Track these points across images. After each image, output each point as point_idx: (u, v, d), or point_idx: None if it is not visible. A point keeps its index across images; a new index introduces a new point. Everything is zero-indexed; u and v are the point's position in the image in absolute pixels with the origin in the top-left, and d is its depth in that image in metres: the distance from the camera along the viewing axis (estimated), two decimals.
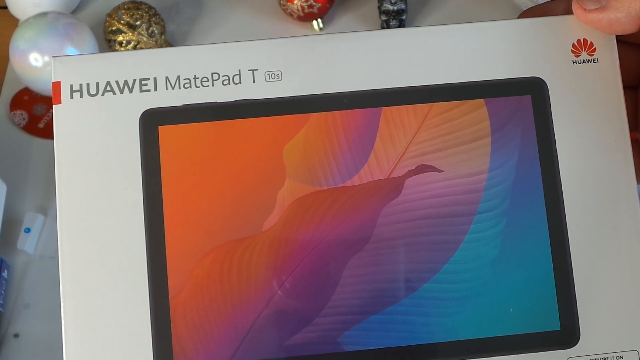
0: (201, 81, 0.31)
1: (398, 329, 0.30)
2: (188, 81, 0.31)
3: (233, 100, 0.31)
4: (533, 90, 0.31)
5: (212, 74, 0.31)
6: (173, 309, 0.29)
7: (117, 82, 0.30)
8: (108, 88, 0.30)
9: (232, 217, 0.30)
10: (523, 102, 0.31)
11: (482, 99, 0.31)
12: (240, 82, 0.31)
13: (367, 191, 0.31)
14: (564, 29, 0.31)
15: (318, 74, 0.31)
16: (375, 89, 0.31)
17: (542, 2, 0.66)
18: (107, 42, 0.68)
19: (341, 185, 0.31)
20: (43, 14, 0.64)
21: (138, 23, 0.67)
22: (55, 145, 0.30)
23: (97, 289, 0.29)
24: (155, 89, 0.30)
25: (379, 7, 0.68)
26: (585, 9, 0.30)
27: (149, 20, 0.67)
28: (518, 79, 0.31)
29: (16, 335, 0.56)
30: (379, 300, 0.30)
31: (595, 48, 0.31)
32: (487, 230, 0.31)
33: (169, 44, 0.68)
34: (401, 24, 0.69)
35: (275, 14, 0.71)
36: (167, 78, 0.30)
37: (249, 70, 0.31)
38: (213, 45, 0.31)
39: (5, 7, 0.70)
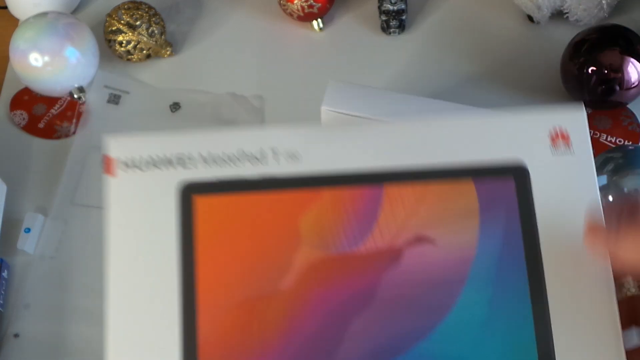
0: (230, 158, 0.36)
1: None
2: (220, 158, 0.36)
3: (258, 175, 0.36)
4: (516, 174, 0.36)
5: (240, 153, 0.36)
6: (200, 353, 0.34)
7: (161, 158, 0.36)
8: (153, 163, 0.36)
9: (254, 277, 0.35)
10: (507, 183, 0.36)
11: (471, 180, 0.36)
12: (264, 161, 0.36)
13: (371, 258, 0.35)
14: (544, 120, 0.37)
15: (332, 156, 0.36)
16: (379, 168, 0.36)
17: (545, 9, 0.65)
18: (107, 42, 0.68)
19: (349, 251, 0.35)
20: (43, 14, 0.64)
21: (138, 23, 0.67)
22: (107, 212, 0.35)
23: (135, 338, 0.34)
24: (193, 165, 0.36)
25: (379, 7, 0.68)
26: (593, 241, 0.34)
27: (149, 20, 0.67)
28: (502, 163, 0.36)
29: (16, 335, 0.56)
30: (379, 356, 0.34)
31: (569, 138, 0.36)
32: (476, 297, 0.34)
33: (169, 44, 0.68)
34: (401, 24, 0.69)
35: (275, 14, 0.71)
36: (202, 156, 0.36)
37: (271, 150, 0.36)
38: (243, 130, 0.37)
39: (5, 7, 0.70)
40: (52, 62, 0.62)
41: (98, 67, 0.66)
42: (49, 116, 0.66)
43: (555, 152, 0.36)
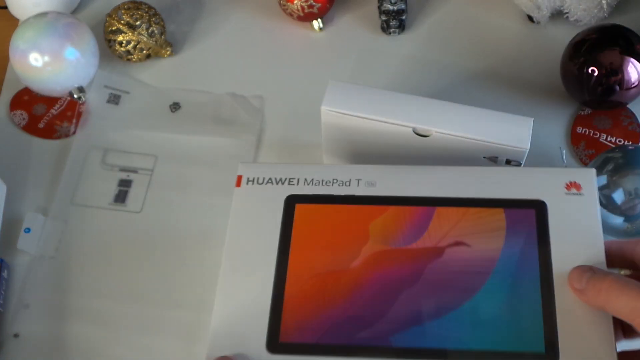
0: (326, 182, 0.50)
1: (430, 336, 0.45)
2: (318, 182, 0.50)
3: (344, 194, 0.50)
4: (537, 206, 0.48)
5: (333, 179, 0.50)
6: (285, 303, 0.46)
7: (275, 178, 0.50)
8: (269, 181, 0.50)
9: (331, 258, 0.48)
10: (529, 213, 0.48)
11: (502, 209, 0.48)
12: (349, 185, 0.50)
13: (420, 252, 0.47)
14: (563, 174, 0.49)
15: (399, 184, 0.50)
16: (434, 195, 0.49)
17: (544, 9, 0.65)
18: (107, 42, 0.68)
19: (404, 247, 0.48)
20: (43, 14, 0.64)
21: (138, 23, 0.67)
22: (232, 209, 0.49)
23: (237, 292, 0.47)
24: (297, 184, 0.50)
25: (379, 7, 0.68)
26: (573, 285, 0.44)
27: (149, 20, 0.67)
28: (527, 199, 0.48)
29: (16, 335, 0.56)
30: (420, 318, 0.45)
31: (581, 187, 0.48)
32: (498, 285, 0.46)
33: (169, 44, 0.68)
34: (401, 24, 0.69)
35: (275, 14, 0.71)
36: (305, 179, 0.50)
37: (356, 179, 0.50)
38: (338, 166, 0.52)
39: (5, 7, 0.71)
40: (52, 62, 0.62)
41: (98, 67, 0.66)
42: (49, 116, 0.66)
43: (569, 192, 0.48)
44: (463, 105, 0.53)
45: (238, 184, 0.51)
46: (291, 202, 0.50)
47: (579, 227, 0.47)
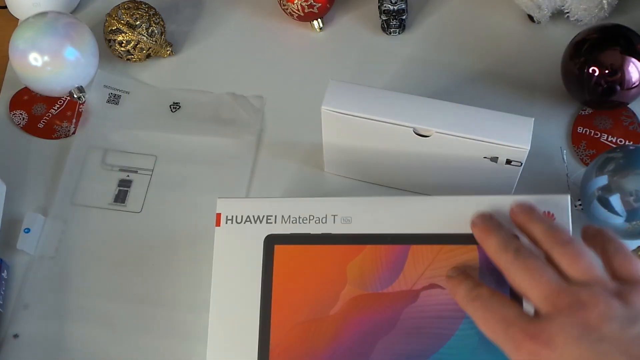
0: (302, 220, 0.50)
1: None
2: (295, 219, 0.50)
3: (320, 233, 0.50)
4: None
5: (309, 216, 0.50)
6: (271, 354, 0.48)
7: (253, 216, 0.51)
8: (247, 220, 0.51)
9: (312, 305, 0.49)
10: None
11: (476, 245, 0.47)
12: (326, 222, 0.50)
13: (396, 296, 0.48)
14: (537, 204, 0.47)
15: (374, 221, 0.50)
16: (408, 232, 0.49)
17: (545, 8, 0.65)
18: (107, 42, 0.68)
19: (380, 291, 0.48)
20: (43, 14, 0.64)
21: (138, 23, 0.67)
22: (214, 250, 0.51)
23: (226, 338, 0.49)
24: (275, 222, 0.50)
25: (379, 7, 0.68)
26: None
27: (149, 20, 0.67)
28: None
29: (16, 336, 0.56)
30: None
31: (555, 217, 0.48)
32: (471, 329, 0.46)
33: (169, 44, 0.68)
34: (401, 24, 0.69)
35: (275, 14, 0.71)
36: (282, 217, 0.50)
37: (332, 215, 0.50)
38: (314, 200, 0.51)
39: (5, 7, 0.70)
40: (51, 62, 0.62)
41: (98, 67, 0.66)
42: (48, 116, 0.66)
43: None
44: (463, 105, 0.53)
45: (218, 223, 0.51)
46: (270, 243, 0.50)
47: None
